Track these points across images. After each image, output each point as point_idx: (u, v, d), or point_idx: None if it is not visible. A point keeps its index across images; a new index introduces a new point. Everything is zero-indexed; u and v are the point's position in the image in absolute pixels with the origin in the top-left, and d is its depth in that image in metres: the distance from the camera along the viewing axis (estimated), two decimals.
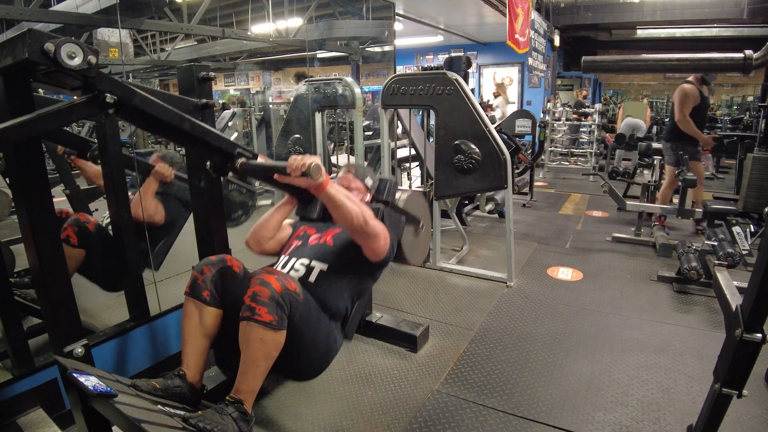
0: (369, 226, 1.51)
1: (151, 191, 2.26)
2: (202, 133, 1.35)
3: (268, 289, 1.29)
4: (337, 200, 1.42)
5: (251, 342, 1.29)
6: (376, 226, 1.55)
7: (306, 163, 1.32)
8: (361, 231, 1.52)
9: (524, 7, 6.23)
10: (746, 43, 6.27)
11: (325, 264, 1.61)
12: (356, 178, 1.87)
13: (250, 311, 1.28)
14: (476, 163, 2.94)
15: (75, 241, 2.01)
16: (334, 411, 1.84)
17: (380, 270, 1.77)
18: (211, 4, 4.27)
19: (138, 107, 1.20)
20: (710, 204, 3.44)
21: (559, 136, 8.08)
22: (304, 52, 5.82)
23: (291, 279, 1.38)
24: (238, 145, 1.44)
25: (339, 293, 1.61)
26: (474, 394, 1.94)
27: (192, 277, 1.48)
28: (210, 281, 1.46)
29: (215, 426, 1.22)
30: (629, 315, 2.65)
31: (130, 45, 4.16)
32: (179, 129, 1.30)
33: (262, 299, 1.28)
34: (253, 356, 1.30)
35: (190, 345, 1.46)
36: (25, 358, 1.68)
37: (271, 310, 1.28)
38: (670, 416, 1.79)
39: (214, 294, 1.47)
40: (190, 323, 1.46)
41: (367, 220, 1.50)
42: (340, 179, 1.87)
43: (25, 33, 1.01)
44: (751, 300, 1.21)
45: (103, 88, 1.14)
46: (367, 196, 1.89)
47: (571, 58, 11.71)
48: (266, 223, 1.73)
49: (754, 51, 1.24)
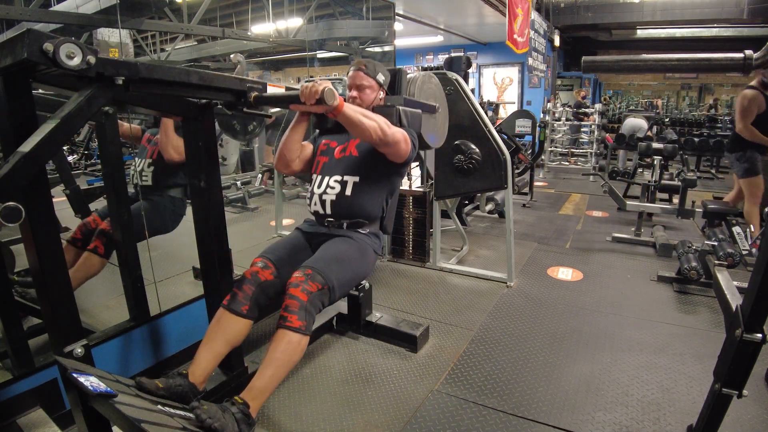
0: (388, 137, 1.63)
1: (172, 128, 2.28)
2: (210, 80, 1.42)
3: (297, 301, 1.47)
4: (354, 120, 1.52)
5: (281, 344, 1.43)
6: (395, 134, 1.66)
7: (318, 89, 1.39)
8: (382, 143, 1.65)
9: (524, 7, 6.23)
10: (746, 43, 6.27)
11: (356, 176, 1.78)
12: (367, 75, 1.87)
13: (282, 320, 1.45)
14: (476, 163, 2.94)
15: (102, 251, 2.11)
16: (334, 411, 1.84)
17: (406, 167, 1.90)
18: (211, 4, 4.27)
19: (146, 77, 1.25)
20: (710, 204, 3.44)
21: (559, 136, 8.08)
22: (304, 52, 5.82)
23: (311, 281, 1.51)
24: (247, 80, 1.51)
25: (374, 198, 1.81)
26: (474, 394, 1.94)
27: (232, 294, 1.58)
28: (251, 298, 1.58)
29: (215, 421, 1.22)
30: (629, 315, 2.65)
31: (130, 45, 4.16)
32: (189, 83, 1.36)
33: (293, 309, 1.46)
34: (279, 356, 1.42)
35: (209, 347, 1.52)
36: (25, 358, 1.68)
37: (300, 317, 1.45)
38: (670, 416, 1.79)
39: (254, 308, 1.60)
40: (218, 328, 1.54)
41: (386, 132, 1.61)
42: (351, 77, 1.88)
43: (25, 33, 1.01)
44: (751, 300, 1.21)
45: (110, 73, 1.16)
46: (380, 93, 1.91)
47: (571, 58, 11.71)
48: (288, 145, 1.81)
49: (754, 51, 1.24)
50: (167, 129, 2.25)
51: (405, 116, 1.83)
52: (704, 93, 12.79)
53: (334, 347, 2.31)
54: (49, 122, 1.10)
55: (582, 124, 7.96)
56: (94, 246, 2.10)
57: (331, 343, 2.35)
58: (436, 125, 2.36)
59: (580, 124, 7.98)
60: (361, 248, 1.77)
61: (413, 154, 1.82)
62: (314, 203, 1.83)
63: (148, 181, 2.35)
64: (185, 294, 2.23)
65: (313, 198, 1.84)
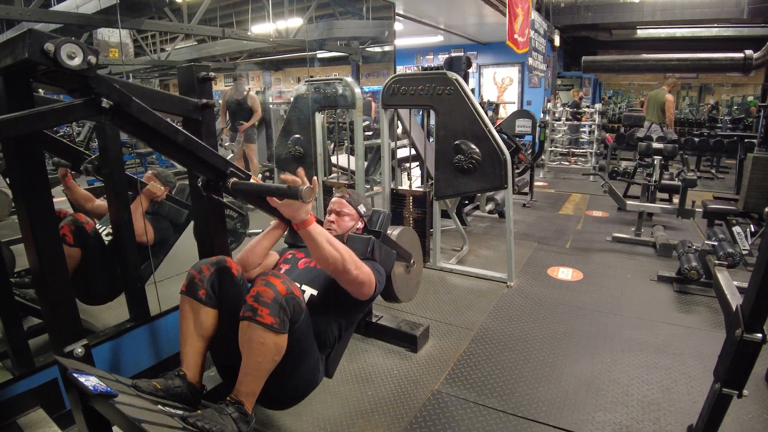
0: (351, 275, 1.45)
1: (141, 210, 2.22)
2: (196, 148, 1.32)
3: (273, 290, 1.27)
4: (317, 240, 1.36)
5: (252, 344, 1.27)
6: (359, 276, 1.48)
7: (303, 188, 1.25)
8: (343, 280, 1.48)
9: (524, 7, 6.23)
10: (746, 43, 6.27)
11: (315, 290, 1.60)
12: (349, 204, 1.85)
13: (251, 311, 1.25)
14: (476, 163, 2.94)
15: (71, 240, 2.00)
16: (334, 411, 1.84)
17: (368, 305, 1.73)
18: (211, 4, 4.27)
19: (134, 116, 1.17)
20: (710, 204, 3.44)
21: (559, 136, 8.08)
22: (304, 53, 5.82)
23: (296, 286, 1.37)
24: (231, 164, 1.41)
25: (328, 321, 1.58)
26: (474, 394, 1.94)
27: (189, 276, 1.45)
28: (207, 281, 1.44)
29: (214, 425, 1.21)
30: (629, 315, 2.65)
31: (130, 45, 4.16)
32: (173, 141, 1.27)
33: (265, 300, 1.26)
34: (254, 359, 1.29)
35: (188, 345, 1.45)
36: (26, 358, 1.68)
37: (273, 312, 1.25)
38: (670, 416, 1.79)
39: (211, 294, 1.44)
40: (187, 323, 1.45)
41: (349, 270, 1.43)
42: (333, 203, 1.85)
43: (25, 33, 1.01)
44: (751, 300, 1.21)
45: (100, 92, 1.11)
46: (358, 224, 1.87)
47: (571, 58, 11.70)
48: (254, 249, 1.68)
49: (754, 51, 1.24)
50: (136, 210, 2.15)
51: (378, 251, 1.73)
52: (704, 93, 12.78)
53: None
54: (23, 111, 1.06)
55: (581, 123, 7.96)
56: (62, 234, 1.96)
57: None
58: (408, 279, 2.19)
59: (579, 124, 7.98)
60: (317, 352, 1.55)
61: (376, 294, 1.65)
62: None
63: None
64: None
65: None
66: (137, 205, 2.21)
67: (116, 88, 1.14)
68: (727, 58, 1.29)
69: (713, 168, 7.75)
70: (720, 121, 8.23)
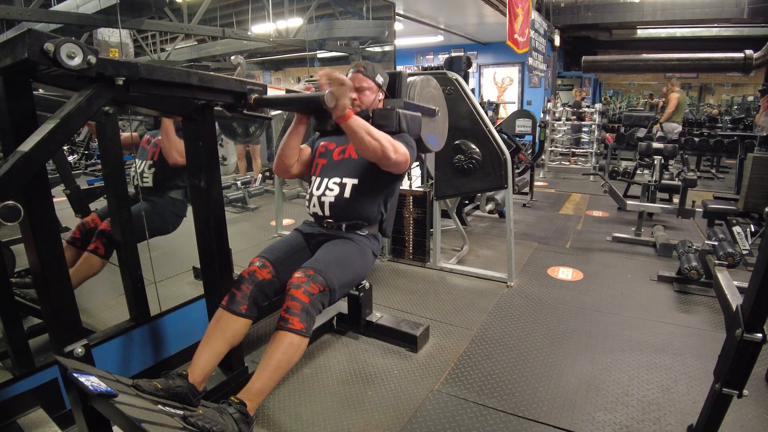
0: (390, 161, 1.61)
1: (173, 131, 2.26)
2: (210, 81, 1.42)
3: (299, 302, 1.46)
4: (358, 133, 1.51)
5: (280, 345, 1.42)
6: (398, 159, 1.64)
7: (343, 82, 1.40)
8: (382, 164, 1.65)
9: (524, 6, 6.23)
10: (746, 43, 6.26)
11: (355, 179, 1.77)
12: (366, 77, 1.87)
13: (283, 321, 1.45)
14: (476, 163, 2.94)
15: (102, 251, 2.12)
16: (334, 411, 1.84)
17: (404, 175, 1.90)
18: (211, 4, 4.27)
19: (146, 78, 1.24)
20: (710, 204, 3.44)
21: (559, 136, 8.08)
22: (304, 52, 5.82)
23: (312, 282, 1.50)
24: (247, 82, 1.50)
25: (372, 201, 1.80)
26: (474, 394, 1.94)
27: (230, 294, 1.58)
28: (249, 297, 1.58)
29: (215, 425, 1.22)
30: (629, 315, 2.65)
31: (130, 45, 4.16)
32: (189, 84, 1.36)
33: (294, 311, 1.45)
34: (278, 357, 1.42)
35: (209, 347, 1.51)
36: (26, 358, 1.68)
37: (302, 319, 1.45)
38: (670, 416, 1.79)
39: (253, 308, 1.59)
40: (217, 328, 1.53)
41: (388, 156, 1.59)
42: (350, 79, 1.86)
43: (25, 33, 1.01)
44: (751, 300, 1.21)
45: (110, 73, 1.16)
46: (379, 95, 1.90)
47: (571, 58, 11.70)
48: (287, 149, 1.81)
49: (754, 51, 1.24)
50: (168, 132, 2.24)
51: (405, 120, 1.81)
52: (704, 93, 12.79)
53: (335, 347, 2.31)
54: (49, 122, 1.10)
55: (582, 123, 7.96)
56: (95, 246, 2.10)
57: (331, 343, 2.35)
58: (436, 127, 2.34)
59: (580, 123, 7.98)
60: (361, 249, 1.77)
61: (411, 164, 1.81)
62: (313, 205, 1.83)
63: (149, 182, 2.35)
64: (185, 294, 2.22)
65: (311, 200, 1.84)
66: (166, 129, 2.24)
67: (121, 62, 1.20)
68: (727, 58, 1.29)
69: (713, 168, 7.75)
70: (720, 121, 8.23)
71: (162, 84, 1.30)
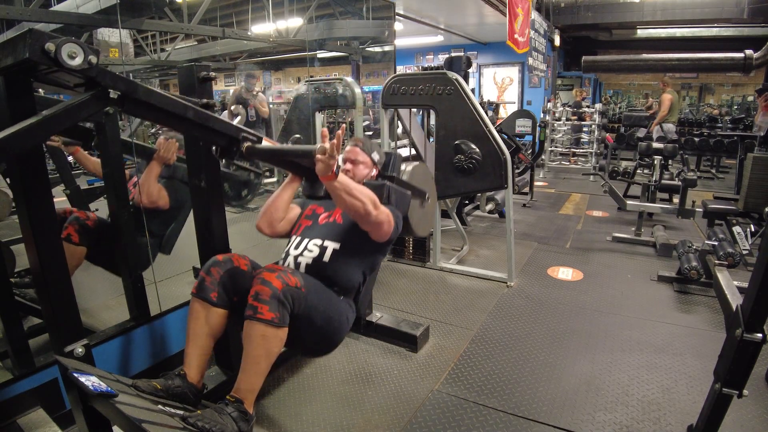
0: (371, 217, 1.53)
1: (154, 175, 2.22)
2: (205, 119, 1.38)
3: (269, 288, 1.33)
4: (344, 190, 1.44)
5: (253, 339, 1.32)
6: (379, 215, 1.57)
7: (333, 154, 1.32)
8: (365, 222, 1.56)
9: (524, 6, 6.23)
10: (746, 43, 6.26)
11: (337, 243, 1.68)
12: (363, 151, 1.87)
13: (252, 310, 1.32)
14: (476, 163, 2.94)
15: (76, 239, 2.01)
16: (334, 411, 1.84)
17: (388, 246, 1.82)
18: (211, 4, 4.26)
19: (142, 100, 1.22)
20: (710, 204, 3.44)
21: (559, 136, 8.08)
22: (304, 52, 5.82)
23: (291, 275, 1.41)
24: (242, 129, 1.46)
25: (352, 270, 1.69)
26: (474, 394, 1.94)
27: (200, 278, 1.49)
28: (218, 283, 1.49)
29: (214, 425, 1.22)
30: (629, 315, 2.65)
31: (131, 45, 4.16)
32: (183, 117, 1.33)
33: (264, 298, 1.32)
34: (255, 353, 1.33)
35: (194, 345, 1.47)
36: (26, 358, 1.68)
37: (272, 308, 1.32)
38: (670, 416, 1.79)
39: (223, 295, 1.49)
40: (196, 323, 1.47)
41: (370, 212, 1.51)
42: (347, 152, 1.87)
43: (26, 33, 1.01)
44: (751, 300, 1.21)
45: (106, 84, 1.14)
46: (373, 171, 1.90)
47: (571, 58, 11.70)
48: (275, 204, 1.76)
49: (754, 51, 1.24)
50: (151, 172, 2.18)
51: (394, 194, 1.78)
52: (704, 93, 12.78)
53: None
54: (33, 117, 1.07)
55: (582, 123, 7.96)
56: (67, 234, 1.98)
57: None
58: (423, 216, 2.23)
59: (580, 123, 7.98)
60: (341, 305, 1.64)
61: (395, 235, 1.73)
62: (287, 264, 1.71)
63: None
64: (185, 294, 2.20)
65: (287, 259, 1.72)
66: (150, 169, 2.20)
67: (120, 77, 1.18)
68: (727, 58, 1.29)
69: (713, 168, 7.74)
70: (720, 121, 8.23)
71: (156, 109, 1.26)
